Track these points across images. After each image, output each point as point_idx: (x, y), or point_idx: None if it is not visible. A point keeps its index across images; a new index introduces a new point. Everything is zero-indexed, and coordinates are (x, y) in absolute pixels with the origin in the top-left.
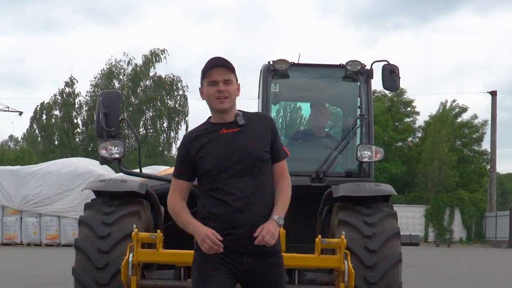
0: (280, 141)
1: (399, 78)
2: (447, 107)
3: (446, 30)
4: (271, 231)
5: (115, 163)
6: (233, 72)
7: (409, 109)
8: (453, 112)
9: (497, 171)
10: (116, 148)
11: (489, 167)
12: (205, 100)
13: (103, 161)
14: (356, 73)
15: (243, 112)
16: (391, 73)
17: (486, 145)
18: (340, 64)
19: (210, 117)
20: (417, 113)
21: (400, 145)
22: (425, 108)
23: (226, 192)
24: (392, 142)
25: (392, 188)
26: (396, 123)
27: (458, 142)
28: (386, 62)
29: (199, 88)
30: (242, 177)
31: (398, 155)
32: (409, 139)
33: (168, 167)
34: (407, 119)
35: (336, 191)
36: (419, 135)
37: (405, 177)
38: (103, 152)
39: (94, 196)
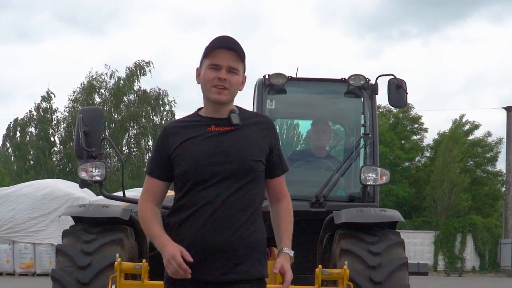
0: (280, 151)
1: (407, 93)
2: (459, 123)
3: (457, 39)
4: (290, 272)
5: (96, 186)
6: (242, 61)
7: (416, 125)
8: (464, 129)
9: None
10: (97, 170)
11: (504, 189)
12: (200, 85)
13: (83, 184)
14: (359, 88)
15: (240, 110)
16: (398, 88)
17: (501, 165)
18: (342, 79)
19: (200, 109)
20: (425, 130)
21: (407, 165)
22: (434, 125)
23: (200, 204)
24: (399, 162)
25: (399, 214)
26: (402, 141)
27: (471, 162)
28: (392, 76)
29: (197, 68)
30: (223, 187)
31: (405, 176)
32: (417, 158)
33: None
34: (414, 137)
35: (337, 217)
36: (428, 154)
37: (412, 200)
38: (83, 175)
39: (73, 222)
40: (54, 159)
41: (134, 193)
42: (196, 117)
